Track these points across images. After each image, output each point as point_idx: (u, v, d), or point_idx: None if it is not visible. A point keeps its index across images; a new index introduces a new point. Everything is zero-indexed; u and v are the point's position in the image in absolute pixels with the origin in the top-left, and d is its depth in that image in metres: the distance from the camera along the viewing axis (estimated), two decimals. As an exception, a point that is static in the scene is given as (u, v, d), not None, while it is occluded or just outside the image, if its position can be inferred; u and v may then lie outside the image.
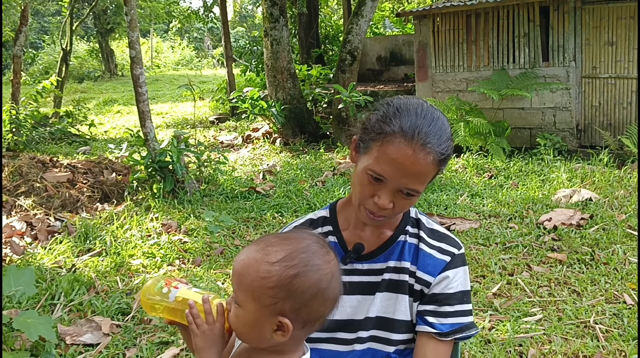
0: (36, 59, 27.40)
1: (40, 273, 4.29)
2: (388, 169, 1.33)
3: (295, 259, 1.17)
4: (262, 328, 1.18)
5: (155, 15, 26.06)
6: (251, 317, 1.18)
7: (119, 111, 16.91)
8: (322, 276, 1.18)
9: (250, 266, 1.18)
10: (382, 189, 1.36)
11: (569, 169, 6.92)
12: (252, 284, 1.17)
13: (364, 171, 1.38)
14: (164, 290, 1.29)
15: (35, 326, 2.87)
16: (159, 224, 5.57)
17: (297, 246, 1.20)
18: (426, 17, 9.18)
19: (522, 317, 3.52)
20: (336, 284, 1.22)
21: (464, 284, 1.53)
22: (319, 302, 1.19)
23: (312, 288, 1.17)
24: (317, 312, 1.20)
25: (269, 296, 1.15)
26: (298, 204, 6.11)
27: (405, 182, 1.34)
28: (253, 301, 1.17)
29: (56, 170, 6.94)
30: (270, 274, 1.15)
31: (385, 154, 1.33)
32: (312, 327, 1.22)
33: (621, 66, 7.84)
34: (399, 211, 1.42)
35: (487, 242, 4.80)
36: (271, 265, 1.16)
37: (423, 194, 6.19)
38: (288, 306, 1.16)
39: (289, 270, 1.16)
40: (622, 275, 4.03)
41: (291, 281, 1.15)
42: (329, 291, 1.20)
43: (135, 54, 6.75)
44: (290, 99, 10.07)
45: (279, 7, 9.84)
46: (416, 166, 1.32)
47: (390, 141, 1.33)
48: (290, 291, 1.15)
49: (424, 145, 1.31)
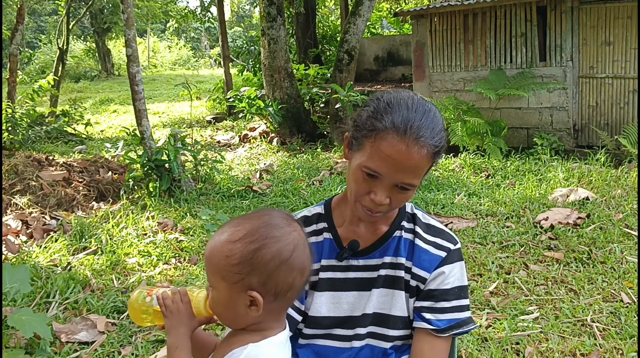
0: (33, 58, 27.33)
1: (36, 271, 4.26)
2: (382, 165, 1.32)
3: (256, 234, 1.22)
4: (236, 306, 1.24)
5: (152, 14, 26.04)
6: (225, 297, 1.24)
7: (115, 111, 16.88)
8: (283, 247, 1.23)
9: (215, 248, 1.24)
10: (378, 186, 1.35)
11: (566, 169, 6.92)
12: (218, 264, 1.23)
13: (358, 168, 1.37)
14: (147, 299, 1.34)
15: (30, 323, 2.86)
16: (155, 222, 5.55)
17: (258, 222, 1.25)
18: (423, 17, 9.17)
19: (519, 315, 3.51)
20: (301, 253, 1.26)
21: (461, 279, 1.51)
22: (285, 272, 1.23)
23: (274, 259, 1.21)
24: (285, 282, 1.24)
25: (234, 273, 1.21)
26: (295, 203, 6.10)
27: (400, 177, 1.33)
28: (222, 280, 1.23)
29: (52, 169, 6.91)
30: (233, 252, 1.21)
31: (378, 151, 1.32)
32: (284, 298, 1.26)
33: (618, 65, 7.85)
34: (396, 205, 1.41)
35: (484, 241, 4.79)
36: (233, 243, 1.22)
37: (420, 193, 6.20)
38: (255, 280, 1.21)
39: (250, 245, 1.21)
40: (619, 274, 4.02)
41: (253, 255, 1.20)
42: (293, 261, 1.23)
43: (131, 53, 6.73)
44: (288, 98, 10.06)
45: (277, 7, 9.83)
46: (411, 160, 1.31)
47: (383, 137, 1.31)
48: (253, 265, 1.20)
49: (417, 139, 1.30)
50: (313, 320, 1.55)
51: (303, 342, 1.59)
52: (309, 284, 1.54)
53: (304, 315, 1.56)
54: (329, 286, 1.54)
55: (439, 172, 7.30)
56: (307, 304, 1.55)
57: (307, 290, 1.55)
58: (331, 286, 1.54)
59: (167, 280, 4.25)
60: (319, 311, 1.54)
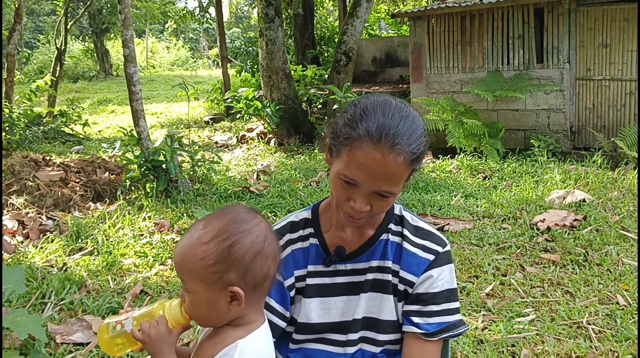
0: (31, 58, 27.31)
1: (31, 272, 4.25)
2: (359, 173, 1.31)
3: (227, 231, 1.24)
4: (217, 305, 1.25)
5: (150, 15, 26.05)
6: (205, 298, 1.24)
7: (113, 111, 16.87)
8: (255, 239, 1.26)
9: (187, 253, 1.25)
10: (357, 193, 1.34)
11: (562, 171, 6.93)
12: (194, 268, 1.23)
13: (336, 176, 1.36)
14: (117, 328, 1.32)
15: (25, 324, 2.84)
16: (152, 223, 5.54)
17: (225, 220, 1.26)
18: (421, 19, 9.18)
19: (515, 317, 3.51)
20: (271, 242, 1.29)
21: (450, 282, 1.50)
22: (260, 262, 1.26)
23: (249, 251, 1.24)
24: (261, 273, 1.26)
25: (213, 273, 1.22)
26: (292, 204, 6.09)
27: (378, 185, 1.32)
28: (201, 283, 1.24)
29: (49, 169, 6.90)
30: (208, 253, 1.22)
31: (354, 159, 1.30)
32: (262, 288, 1.29)
33: (615, 67, 7.86)
34: (378, 212, 1.40)
35: (480, 243, 4.79)
36: (206, 244, 1.23)
37: (417, 194, 6.20)
38: (233, 275, 1.23)
39: (223, 242, 1.23)
40: (616, 276, 4.03)
41: (229, 251, 1.22)
42: (265, 250, 1.27)
43: (129, 53, 6.72)
44: (285, 99, 10.06)
45: (275, 8, 9.83)
46: (387, 169, 1.29)
47: (358, 145, 1.30)
48: (230, 261, 1.22)
49: (393, 147, 1.28)
50: (303, 326, 1.54)
51: (294, 347, 1.58)
52: (295, 290, 1.54)
53: (290, 322, 1.55)
54: (317, 292, 1.53)
55: (436, 173, 7.30)
56: (295, 310, 1.54)
57: (294, 296, 1.54)
58: (319, 292, 1.53)
59: (164, 281, 4.25)
60: (308, 317, 1.53)
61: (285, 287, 1.52)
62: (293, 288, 1.53)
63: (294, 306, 1.54)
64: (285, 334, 1.57)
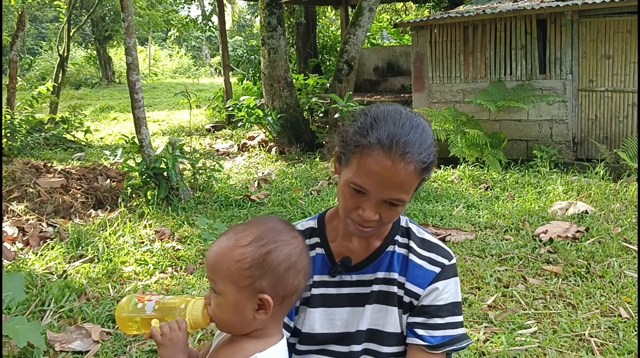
0: (33, 64, 27.37)
1: (31, 279, 4.24)
2: (369, 181, 1.30)
3: (265, 238, 1.25)
4: (244, 311, 1.24)
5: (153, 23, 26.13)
6: (232, 301, 1.24)
7: (115, 118, 16.88)
8: (292, 250, 1.27)
9: (223, 253, 1.25)
10: (366, 202, 1.34)
11: (565, 182, 6.91)
12: (228, 269, 1.23)
13: (346, 184, 1.35)
14: (138, 306, 1.31)
15: (24, 332, 2.83)
16: (152, 231, 5.53)
17: (264, 227, 1.27)
18: (424, 29, 9.20)
19: (517, 330, 3.49)
20: (305, 256, 1.31)
21: (455, 296, 1.49)
22: (293, 274, 1.26)
23: (285, 261, 1.25)
24: (292, 285, 1.27)
25: (246, 277, 1.22)
26: (292, 212, 6.08)
27: (388, 193, 1.31)
28: (232, 285, 1.23)
29: (50, 176, 6.89)
30: (245, 256, 1.23)
31: (365, 167, 1.30)
32: (289, 301, 1.29)
33: (618, 79, 7.86)
34: (386, 221, 1.39)
35: (482, 254, 4.77)
36: (244, 247, 1.24)
37: (419, 204, 6.18)
38: (265, 283, 1.23)
39: (261, 248, 1.23)
40: (618, 288, 4.00)
41: (265, 258, 1.23)
42: (299, 263, 1.28)
43: (131, 61, 6.73)
44: (287, 108, 10.07)
45: (277, 17, 9.86)
46: (397, 177, 1.29)
47: (369, 153, 1.30)
48: (265, 268, 1.23)
49: (403, 155, 1.28)
50: (307, 337, 1.53)
51: None
52: (300, 300, 1.53)
53: (294, 332, 1.54)
54: (321, 303, 1.52)
55: (438, 184, 7.29)
56: (299, 320, 1.53)
57: (299, 306, 1.53)
58: (324, 302, 1.52)
59: (164, 289, 4.23)
60: (312, 327, 1.52)
61: None
62: (298, 298, 1.52)
63: (298, 317, 1.54)
64: (288, 345, 1.55)
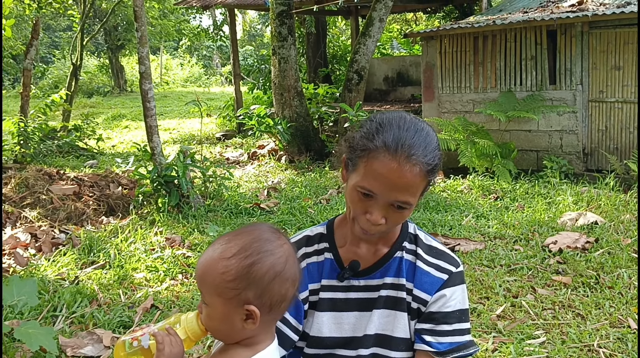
0: (46, 73, 27.64)
1: (43, 285, 4.29)
2: (376, 184, 1.34)
3: (249, 249, 1.25)
4: (232, 321, 1.26)
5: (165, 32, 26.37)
6: (220, 312, 1.26)
7: (127, 126, 17.01)
8: (276, 260, 1.27)
9: (209, 266, 1.26)
10: (373, 205, 1.37)
11: (575, 193, 6.90)
12: (214, 282, 1.25)
13: (353, 189, 1.39)
14: (134, 344, 1.32)
15: (37, 337, 2.87)
16: (163, 238, 5.58)
17: (249, 237, 1.28)
18: (433, 39, 9.23)
19: (525, 340, 3.49)
20: (292, 265, 1.30)
21: (462, 302, 1.52)
22: (279, 284, 1.27)
23: (269, 272, 1.25)
24: (279, 294, 1.27)
25: (231, 289, 1.23)
26: (302, 221, 6.11)
27: (394, 195, 1.34)
28: (218, 297, 1.25)
29: (63, 183, 6.97)
30: (229, 268, 1.24)
31: (371, 170, 1.34)
32: (278, 310, 1.30)
33: (628, 90, 7.85)
34: (393, 225, 1.42)
35: (491, 264, 4.77)
36: (228, 260, 1.24)
37: (428, 214, 6.19)
38: (251, 294, 1.24)
39: (244, 260, 1.24)
40: (627, 299, 3.99)
41: (249, 270, 1.24)
42: (285, 272, 1.28)
43: (144, 70, 6.81)
44: (297, 117, 10.11)
45: (288, 27, 9.93)
46: (403, 178, 1.32)
47: (375, 156, 1.34)
48: (249, 280, 1.23)
49: (409, 157, 1.32)
50: (315, 340, 1.55)
51: None
52: (309, 304, 1.55)
53: (302, 335, 1.56)
54: (330, 307, 1.55)
55: (447, 193, 7.29)
56: (308, 324, 1.56)
57: (307, 310, 1.56)
58: (332, 306, 1.55)
59: (174, 296, 4.26)
60: (320, 331, 1.54)
61: (300, 300, 1.54)
62: (307, 302, 1.55)
63: (306, 320, 1.56)
64: (297, 349, 1.58)
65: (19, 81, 25.62)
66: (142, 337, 1.32)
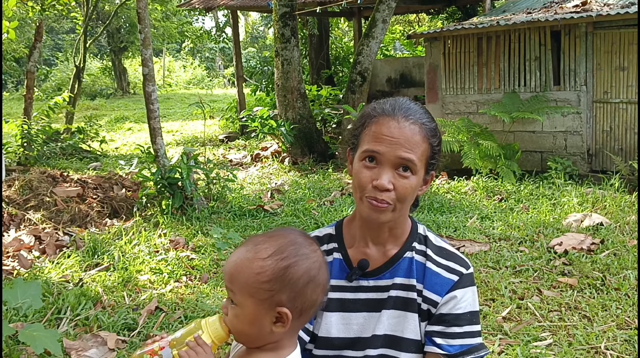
0: (49, 75, 27.70)
1: (47, 287, 4.28)
2: (378, 144, 1.39)
3: (285, 251, 1.25)
4: (262, 323, 1.24)
5: (168, 35, 26.39)
6: (250, 314, 1.24)
7: (130, 128, 17.02)
8: (312, 264, 1.27)
9: (243, 265, 1.25)
10: (379, 171, 1.39)
11: (580, 194, 6.87)
12: (247, 282, 1.23)
13: (358, 159, 1.43)
14: None
15: (41, 339, 2.86)
16: (167, 240, 5.57)
17: (284, 240, 1.27)
18: (437, 40, 9.22)
19: (532, 342, 3.47)
20: (324, 271, 1.31)
21: (473, 304, 1.50)
22: (312, 289, 1.27)
23: (304, 276, 1.25)
24: (311, 299, 1.27)
25: (265, 290, 1.22)
26: (306, 223, 6.09)
27: (397, 152, 1.38)
28: (250, 297, 1.23)
29: (66, 185, 6.96)
30: (264, 269, 1.23)
31: (372, 134, 1.41)
32: (307, 315, 1.30)
33: (632, 91, 7.82)
34: (400, 193, 1.40)
35: (497, 265, 4.75)
36: (263, 260, 1.23)
37: (432, 215, 6.17)
38: (284, 296, 1.23)
39: (281, 262, 1.23)
40: (634, 301, 3.97)
41: (285, 272, 1.23)
42: (319, 277, 1.28)
43: (147, 72, 6.81)
44: (300, 118, 10.11)
45: (291, 28, 9.92)
46: (404, 133, 1.39)
47: (375, 121, 1.43)
48: (284, 282, 1.23)
49: (407, 117, 1.41)
50: (323, 341, 1.54)
51: None
52: None
53: (312, 336, 1.55)
54: (338, 307, 1.54)
55: (451, 195, 7.27)
56: (317, 325, 1.55)
57: None
58: (341, 306, 1.54)
59: (178, 298, 4.25)
60: (329, 331, 1.53)
61: None
62: (316, 312, 1.53)
63: (315, 321, 1.55)
64: (305, 352, 1.56)
65: (22, 83, 25.70)
66: (162, 351, 1.26)
